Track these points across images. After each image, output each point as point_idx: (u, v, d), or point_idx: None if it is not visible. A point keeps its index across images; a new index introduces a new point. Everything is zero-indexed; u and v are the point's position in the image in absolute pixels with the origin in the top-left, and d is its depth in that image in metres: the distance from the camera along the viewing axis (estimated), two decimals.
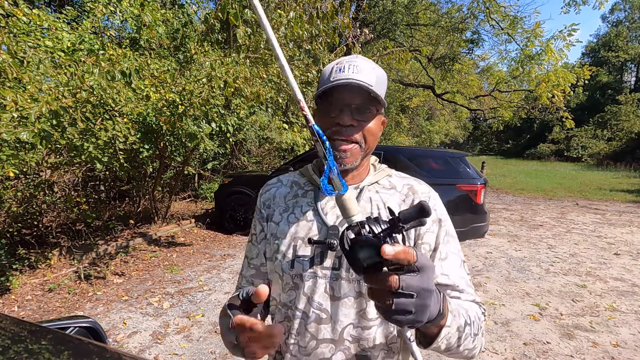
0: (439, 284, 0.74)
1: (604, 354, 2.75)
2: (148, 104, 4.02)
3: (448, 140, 34.15)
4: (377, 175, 0.83)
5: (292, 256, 0.77)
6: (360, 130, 0.73)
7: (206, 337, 2.90)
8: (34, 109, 2.63)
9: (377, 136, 0.78)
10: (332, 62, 0.77)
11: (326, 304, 0.75)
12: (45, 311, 3.28)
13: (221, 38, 5.48)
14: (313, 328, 0.75)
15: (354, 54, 0.79)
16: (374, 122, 0.75)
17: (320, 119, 0.76)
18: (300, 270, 0.76)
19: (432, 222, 0.78)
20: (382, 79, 0.75)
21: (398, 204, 0.79)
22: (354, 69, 0.71)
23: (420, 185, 0.83)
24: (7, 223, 4.21)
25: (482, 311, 0.73)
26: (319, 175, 0.84)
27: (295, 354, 0.76)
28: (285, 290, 0.79)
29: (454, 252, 0.77)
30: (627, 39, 33.19)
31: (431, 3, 12.96)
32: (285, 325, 0.79)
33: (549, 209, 8.77)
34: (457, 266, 0.76)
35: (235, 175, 6.36)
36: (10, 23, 3.16)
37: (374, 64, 0.75)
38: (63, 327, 1.01)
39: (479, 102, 16.51)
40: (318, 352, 0.74)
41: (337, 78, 0.71)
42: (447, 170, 4.77)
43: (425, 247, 0.76)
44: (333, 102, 0.73)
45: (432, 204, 0.79)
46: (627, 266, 4.70)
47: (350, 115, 0.72)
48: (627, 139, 24.84)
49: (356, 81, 0.69)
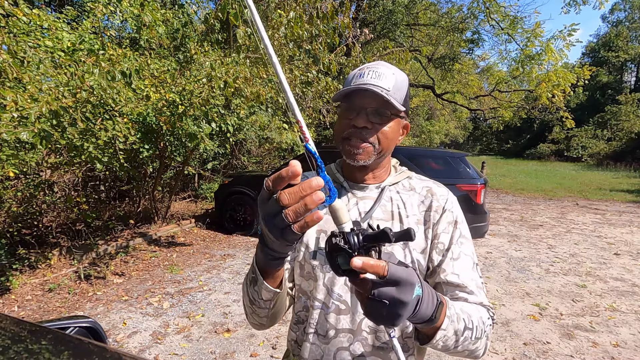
0: (448, 282, 0.77)
1: (604, 354, 2.75)
2: (148, 104, 4.02)
3: (448, 140, 34.14)
4: (398, 177, 0.87)
5: (315, 247, 0.81)
6: (375, 133, 0.77)
7: (206, 337, 2.90)
8: (34, 109, 2.63)
9: (393, 140, 0.81)
10: (358, 67, 0.83)
11: (346, 295, 0.79)
12: (45, 311, 3.28)
13: (221, 38, 5.47)
14: (332, 318, 0.79)
15: (378, 60, 0.84)
16: (390, 125, 0.79)
17: (339, 121, 0.81)
18: (322, 261, 0.80)
19: (447, 223, 0.81)
20: (402, 84, 0.79)
21: (417, 205, 0.83)
22: (374, 75, 0.76)
23: (439, 188, 0.86)
24: (7, 223, 4.21)
25: (489, 315, 0.75)
26: (342, 174, 0.88)
27: (314, 342, 0.80)
28: (306, 278, 0.83)
29: (467, 253, 0.80)
30: (627, 39, 33.18)
31: (431, 3, 12.96)
32: (304, 315, 0.84)
33: (549, 209, 8.77)
34: (469, 268, 0.78)
35: (235, 175, 6.36)
36: (10, 23, 3.15)
37: (395, 70, 0.79)
38: (63, 327, 1.01)
39: (479, 102, 16.50)
40: (336, 341, 0.78)
41: (356, 83, 0.76)
42: (447, 170, 4.77)
43: (440, 246, 0.80)
44: (351, 105, 0.78)
45: (450, 207, 0.83)
46: (627, 266, 4.70)
47: (366, 118, 0.76)
48: (627, 139, 24.85)
49: (373, 86, 0.74)
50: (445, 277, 0.77)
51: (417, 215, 0.82)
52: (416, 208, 0.82)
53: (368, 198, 0.83)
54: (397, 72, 0.79)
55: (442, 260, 0.78)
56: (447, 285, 0.77)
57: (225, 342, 2.83)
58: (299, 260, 0.83)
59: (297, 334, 0.85)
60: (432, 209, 0.82)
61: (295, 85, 4.80)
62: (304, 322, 0.83)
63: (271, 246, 0.54)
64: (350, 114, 0.78)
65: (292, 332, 0.87)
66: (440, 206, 0.82)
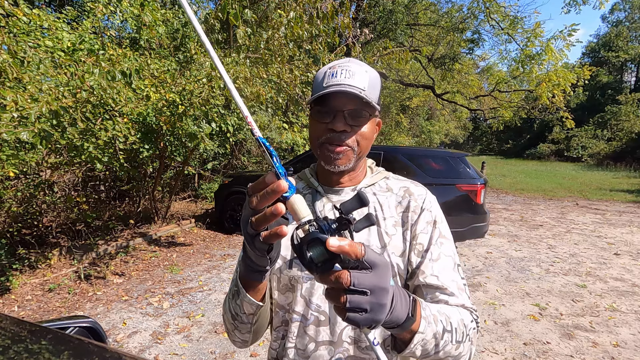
0: (427, 284, 0.73)
1: (604, 354, 2.75)
2: (148, 104, 4.02)
3: (448, 140, 34.13)
4: (374, 178, 0.84)
5: (290, 257, 0.78)
6: (353, 135, 0.74)
7: (206, 337, 2.90)
8: (34, 109, 2.64)
9: (371, 139, 0.78)
10: (325, 66, 0.78)
11: (324, 306, 0.75)
12: (45, 311, 3.28)
13: (221, 38, 5.47)
14: (312, 330, 0.75)
15: (346, 58, 0.79)
16: (368, 126, 0.75)
17: (314, 124, 0.76)
18: (298, 271, 0.76)
19: (426, 223, 0.77)
20: (375, 81, 0.75)
21: (394, 206, 0.79)
22: (347, 74, 0.71)
23: (417, 187, 0.83)
24: (7, 223, 4.21)
25: (472, 318, 0.70)
26: (317, 178, 0.85)
27: (294, 357, 0.76)
28: (283, 291, 0.79)
29: (448, 254, 0.76)
30: (627, 39, 33.18)
31: (431, 3, 12.97)
32: (283, 330, 0.79)
33: (549, 209, 8.77)
34: (450, 269, 0.75)
35: (235, 175, 6.36)
36: (10, 23, 3.15)
37: (366, 67, 0.75)
38: (63, 327, 1.01)
39: (479, 102, 16.49)
40: (317, 354, 0.74)
41: (330, 83, 0.71)
42: (447, 170, 4.77)
43: (419, 247, 0.76)
44: (326, 108, 0.73)
45: (428, 206, 0.79)
46: (627, 266, 4.71)
47: (344, 121, 0.72)
48: (627, 139, 24.83)
49: (348, 87, 0.70)
50: (425, 279, 0.73)
51: (395, 216, 0.78)
52: (394, 209, 0.79)
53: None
54: (369, 69, 0.75)
55: (421, 261, 0.74)
56: (426, 288, 0.73)
57: (225, 342, 2.83)
58: (274, 273, 0.79)
59: (277, 351, 0.80)
60: (409, 209, 0.78)
61: (296, 85, 4.80)
62: (284, 338, 0.79)
63: (250, 255, 0.54)
64: (325, 117, 0.73)
65: (272, 349, 0.82)
66: (418, 206, 0.78)
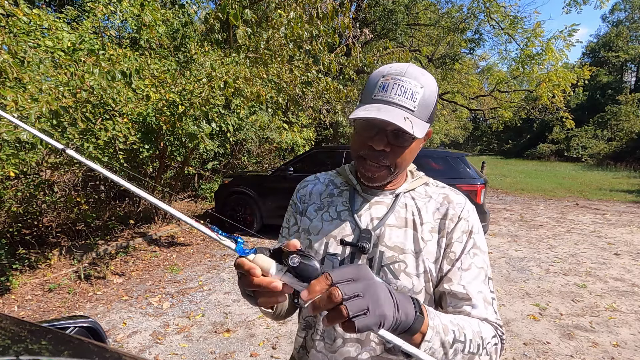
0: (452, 292, 0.72)
1: (604, 354, 2.75)
2: (148, 104, 4.02)
3: (448, 140, 34.14)
4: (414, 183, 0.83)
5: (323, 253, 0.78)
6: (392, 156, 0.72)
7: (206, 337, 2.90)
8: (34, 109, 2.64)
9: (412, 158, 0.76)
10: (381, 69, 0.73)
11: None
12: (45, 311, 3.28)
13: (221, 38, 5.48)
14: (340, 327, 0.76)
15: (405, 64, 0.73)
16: (411, 147, 0.73)
17: (356, 136, 0.76)
18: (330, 267, 0.76)
19: (462, 232, 0.76)
20: (430, 96, 0.71)
21: (432, 212, 0.79)
22: (398, 90, 0.68)
23: (456, 195, 0.81)
24: (7, 223, 4.21)
25: (496, 333, 0.68)
26: (355, 176, 0.85)
27: (321, 350, 0.78)
28: None
29: (480, 265, 0.75)
30: (627, 39, 33.17)
31: (431, 3, 12.98)
32: (312, 321, 0.81)
33: (549, 209, 8.77)
34: (479, 280, 0.73)
35: (235, 175, 6.36)
36: (10, 23, 3.16)
37: (423, 79, 0.70)
38: (63, 327, 1.01)
39: (479, 102, 16.51)
40: (344, 350, 0.75)
41: (378, 97, 0.69)
42: (447, 170, 4.77)
43: (451, 255, 0.75)
44: (371, 123, 0.71)
45: (466, 215, 0.78)
46: (627, 266, 4.70)
47: (385, 140, 0.70)
48: (627, 139, 24.82)
49: (396, 107, 0.67)
50: (450, 287, 0.72)
51: (432, 223, 0.77)
52: (431, 215, 0.78)
53: (381, 203, 0.80)
54: (425, 82, 0.70)
55: (450, 269, 0.74)
56: (450, 296, 0.72)
57: (225, 342, 2.83)
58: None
59: (305, 339, 0.82)
60: (447, 217, 0.77)
61: (296, 85, 4.81)
62: (312, 328, 0.80)
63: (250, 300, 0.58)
64: (368, 131, 0.71)
65: (299, 337, 0.83)
66: (455, 214, 0.77)
